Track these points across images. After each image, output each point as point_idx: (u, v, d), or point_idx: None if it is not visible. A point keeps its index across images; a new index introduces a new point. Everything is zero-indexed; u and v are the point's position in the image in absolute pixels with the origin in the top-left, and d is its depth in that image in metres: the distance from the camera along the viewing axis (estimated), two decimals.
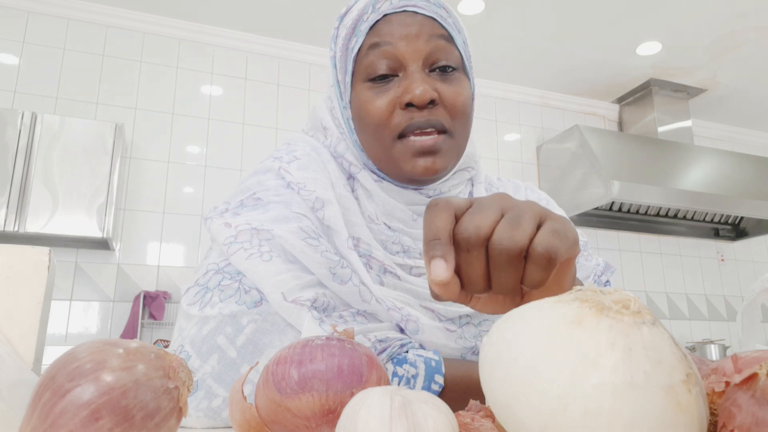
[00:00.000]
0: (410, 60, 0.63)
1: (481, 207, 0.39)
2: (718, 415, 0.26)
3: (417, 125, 0.62)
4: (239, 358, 0.57)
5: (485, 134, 3.71)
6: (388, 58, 0.63)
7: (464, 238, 0.37)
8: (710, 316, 4.01)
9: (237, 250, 0.59)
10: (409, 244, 0.67)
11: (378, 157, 0.66)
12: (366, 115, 0.64)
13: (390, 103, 0.63)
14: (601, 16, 3.07)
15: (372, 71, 0.64)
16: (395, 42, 0.63)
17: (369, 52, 0.64)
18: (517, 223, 0.37)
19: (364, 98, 0.64)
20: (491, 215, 0.38)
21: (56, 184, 2.52)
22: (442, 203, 0.39)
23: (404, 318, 0.61)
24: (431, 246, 0.37)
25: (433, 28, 0.64)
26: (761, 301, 0.59)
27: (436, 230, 0.38)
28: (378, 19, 0.64)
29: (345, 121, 0.68)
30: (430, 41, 0.63)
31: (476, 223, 0.38)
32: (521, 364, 0.24)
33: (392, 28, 0.63)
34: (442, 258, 0.37)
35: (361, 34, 0.65)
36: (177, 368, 0.31)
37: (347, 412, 0.27)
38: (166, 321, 2.78)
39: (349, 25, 0.66)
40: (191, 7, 3.03)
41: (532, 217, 0.38)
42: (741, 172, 3.65)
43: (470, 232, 0.37)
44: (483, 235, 0.37)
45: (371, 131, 0.64)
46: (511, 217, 0.38)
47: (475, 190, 0.76)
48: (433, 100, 0.62)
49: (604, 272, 0.74)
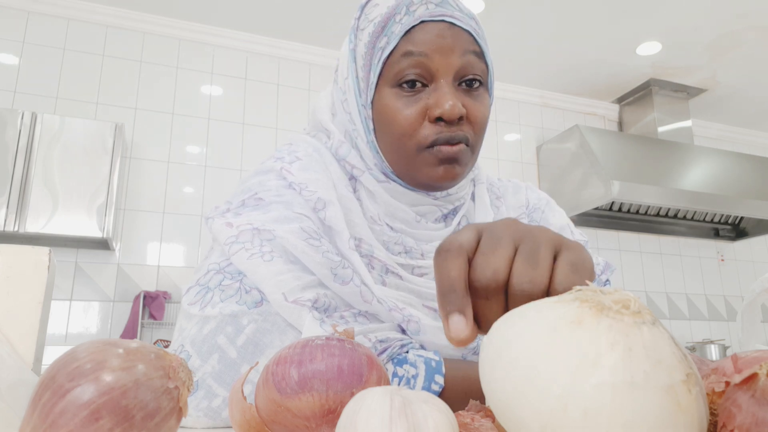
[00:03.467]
0: (443, 73, 0.62)
1: (494, 243, 0.36)
2: (718, 415, 0.26)
3: (445, 139, 0.62)
4: (239, 358, 0.57)
5: (485, 134, 3.71)
6: (420, 67, 0.62)
7: (483, 287, 0.35)
8: (710, 316, 4.01)
9: (238, 250, 0.59)
10: (411, 245, 0.67)
11: (398, 163, 0.66)
12: (393, 122, 0.64)
13: (419, 114, 0.63)
14: (601, 16, 3.07)
15: (401, 78, 0.63)
16: (430, 53, 0.62)
17: (402, 59, 0.63)
18: (534, 262, 0.35)
19: (391, 105, 0.64)
20: (505, 252, 0.35)
21: (56, 184, 2.52)
22: (454, 248, 0.36)
23: (406, 318, 0.61)
24: (447, 301, 0.35)
25: (467, 42, 0.64)
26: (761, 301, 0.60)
27: (450, 281, 0.35)
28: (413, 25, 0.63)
29: (363, 121, 0.67)
30: (463, 56, 0.63)
31: (492, 267, 0.35)
32: (521, 364, 0.24)
33: (428, 38, 0.62)
34: (460, 313, 0.34)
35: (394, 37, 0.63)
36: (177, 368, 0.31)
37: (347, 412, 0.27)
38: (166, 321, 2.78)
39: (377, 21, 0.65)
40: (191, 7, 3.03)
41: (549, 248, 0.36)
42: (741, 172, 3.65)
43: (488, 279, 0.35)
44: (501, 280, 0.35)
45: (395, 138, 0.64)
46: (527, 253, 0.35)
47: (477, 190, 0.76)
48: (461, 117, 0.62)
49: (604, 271, 0.74)
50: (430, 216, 0.70)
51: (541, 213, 0.79)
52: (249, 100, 3.23)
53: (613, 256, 3.81)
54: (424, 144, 0.63)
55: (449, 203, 0.71)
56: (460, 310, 0.34)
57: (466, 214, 0.74)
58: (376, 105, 0.65)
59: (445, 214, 0.72)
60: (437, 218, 0.71)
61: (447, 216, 0.72)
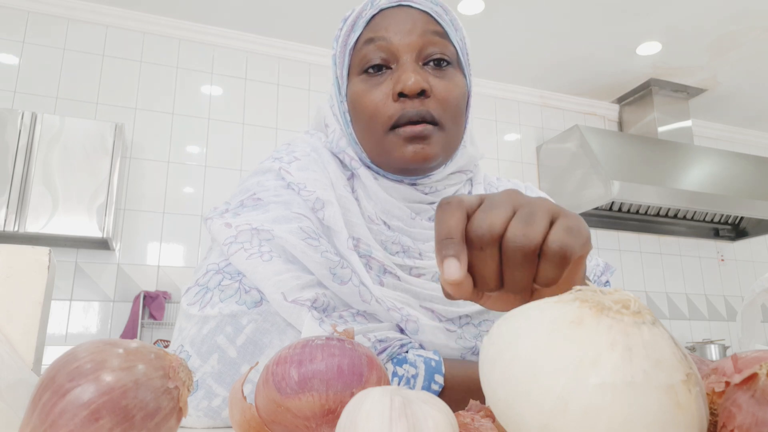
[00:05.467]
0: (403, 52, 0.64)
1: (493, 204, 0.38)
2: (718, 415, 0.26)
3: (408, 116, 0.63)
4: (239, 358, 0.57)
5: (485, 134, 3.71)
6: (382, 50, 0.64)
7: (477, 236, 0.37)
8: (710, 316, 4.01)
9: (237, 250, 0.59)
10: (409, 244, 0.67)
11: (371, 149, 0.67)
12: (360, 106, 0.65)
13: (383, 94, 0.64)
14: (602, 16, 3.07)
15: (366, 64, 0.65)
16: (389, 36, 0.64)
17: (364, 46, 0.66)
18: (530, 220, 0.37)
19: (358, 90, 0.66)
20: (504, 212, 0.37)
21: (56, 184, 2.52)
22: (454, 201, 0.38)
23: (404, 318, 0.61)
24: (444, 245, 0.37)
25: (427, 23, 0.65)
26: (761, 301, 0.60)
27: (448, 229, 0.37)
28: (374, 14, 0.66)
29: (342, 115, 0.69)
30: (424, 35, 0.65)
31: (489, 221, 0.37)
32: (521, 364, 0.24)
33: (387, 22, 0.65)
34: (455, 257, 0.36)
35: (358, 29, 0.66)
36: (177, 368, 0.31)
37: (347, 412, 0.27)
38: (166, 321, 2.78)
39: (349, 23, 0.68)
40: (191, 7, 3.03)
41: (545, 213, 0.37)
42: (741, 172, 3.65)
43: (483, 230, 0.37)
44: (496, 232, 0.37)
45: (365, 123, 0.66)
46: (524, 214, 0.37)
47: (474, 190, 0.76)
48: (423, 90, 0.62)
49: (604, 272, 0.74)
50: (425, 215, 0.70)
51: None
52: (249, 100, 3.23)
53: (613, 256, 3.80)
54: (389, 123, 0.64)
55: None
56: (456, 255, 0.36)
57: None
58: (349, 95, 0.68)
59: None
60: (432, 217, 0.71)
61: None
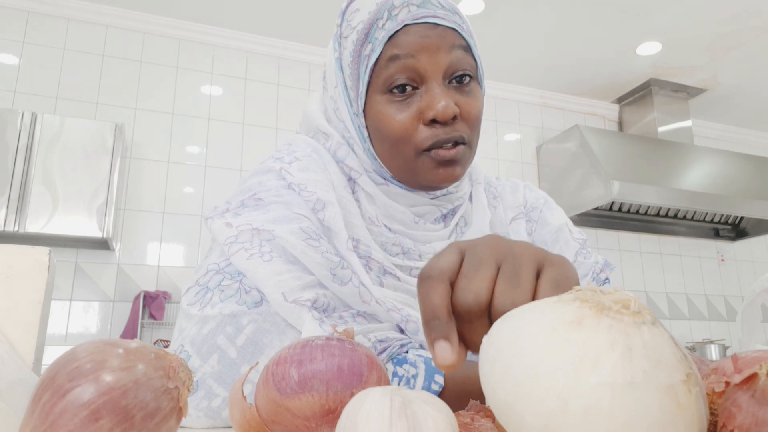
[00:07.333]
0: (432, 73, 0.62)
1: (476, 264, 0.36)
2: (718, 415, 0.26)
3: (442, 142, 0.62)
4: (239, 358, 0.57)
5: (485, 134, 3.71)
6: (409, 70, 0.62)
7: (465, 311, 0.35)
8: (710, 316, 4.01)
9: (238, 250, 0.59)
10: (409, 246, 0.67)
11: (397, 168, 0.66)
12: (387, 128, 0.63)
13: (412, 118, 0.62)
14: (601, 16, 3.07)
15: (391, 84, 0.63)
16: (416, 55, 0.62)
17: (388, 64, 0.62)
18: (516, 281, 0.35)
19: (384, 112, 0.63)
20: (487, 273, 0.36)
21: (56, 184, 2.52)
22: (435, 274, 0.36)
23: (404, 319, 0.61)
24: (431, 327, 0.35)
25: (453, 39, 0.63)
26: (761, 301, 0.60)
27: (432, 308, 0.35)
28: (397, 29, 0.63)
29: (357, 129, 0.67)
30: (450, 53, 0.63)
31: (474, 291, 0.35)
32: (521, 364, 0.24)
33: (412, 40, 0.62)
34: (444, 339, 0.34)
35: (379, 44, 0.63)
36: (177, 368, 0.31)
37: (347, 412, 0.27)
38: (166, 321, 2.78)
39: (360, 28, 0.64)
40: (191, 7, 3.03)
41: (531, 266, 0.36)
42: (741, 172, 3.65)
43: (470, 303, 0.35)
44: (483, 302, 0.35)
45: (392, 144, 0.64)
46: (508, 272, 0.36)
47: (474, 190, 0.76)
48: (455, 116, 0.62)
49: (603, 270, 0.74)
50: (429, 216, 0.70)
51: (539, 212, 0.78)
52: (249, 100, 3.23)
53: (613, 256, 3.80)
54: (421, 147, 0.63)
55: (449, 203, 0.71)
56: (445, 336, 0.34)
57: (464, 215, 0.74)
58: (369, 113, 0.65)
59: (444, 215, 0.72)
60: (436, 218, 0.71)
61: (446, 216, 0.72)
